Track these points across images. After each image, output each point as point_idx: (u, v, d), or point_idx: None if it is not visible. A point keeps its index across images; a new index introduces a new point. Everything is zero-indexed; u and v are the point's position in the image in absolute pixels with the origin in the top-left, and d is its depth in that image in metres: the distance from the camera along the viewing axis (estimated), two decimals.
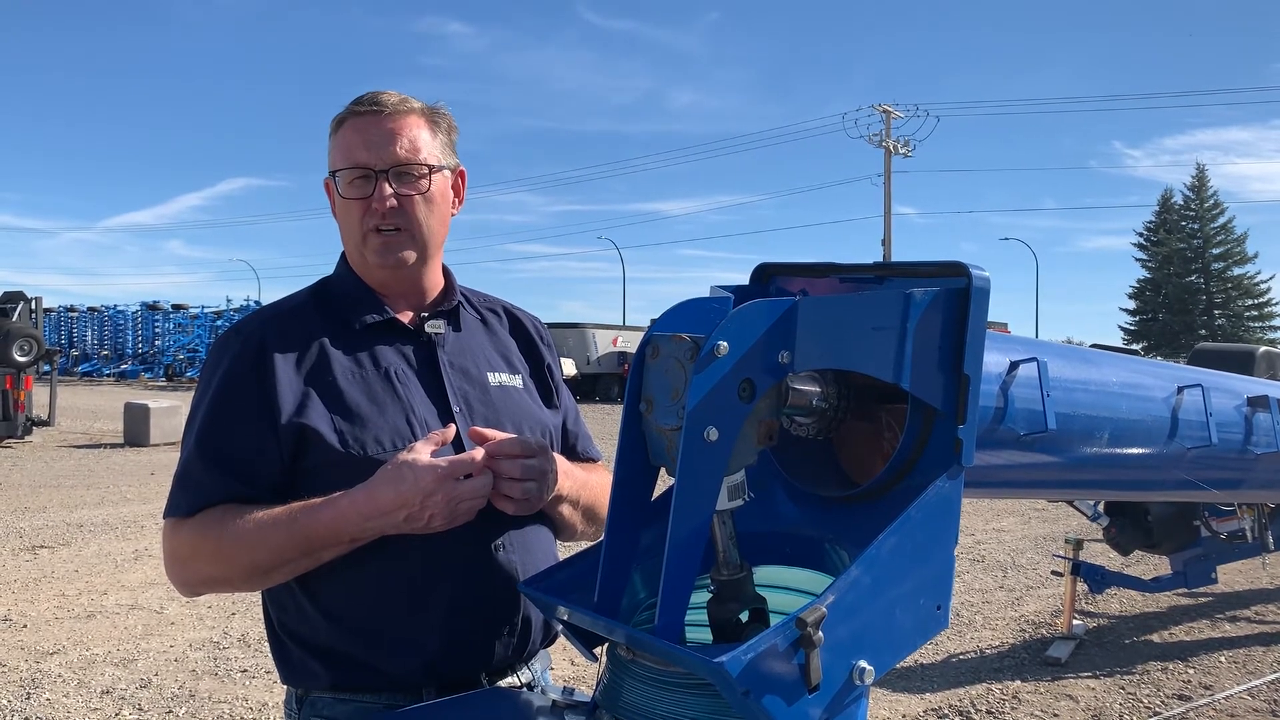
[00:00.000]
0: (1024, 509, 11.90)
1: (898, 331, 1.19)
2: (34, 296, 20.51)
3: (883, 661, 1.14)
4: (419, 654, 1.65)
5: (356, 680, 1.67)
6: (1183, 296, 69.81)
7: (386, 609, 1.65)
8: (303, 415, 1.64)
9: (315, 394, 1.67)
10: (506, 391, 1.82)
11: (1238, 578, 8.09)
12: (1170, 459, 1.67)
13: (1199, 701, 5.49)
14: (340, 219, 1.77)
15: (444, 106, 1.81)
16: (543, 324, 2.03)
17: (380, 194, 1.69)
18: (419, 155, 1.72)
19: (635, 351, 1.25)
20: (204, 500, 1.64)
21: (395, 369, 1.73)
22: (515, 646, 1.72)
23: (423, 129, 1.75)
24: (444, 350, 1.79)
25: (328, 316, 1.77)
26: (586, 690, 1.46)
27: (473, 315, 1.89)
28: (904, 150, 48.26)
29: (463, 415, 1.73)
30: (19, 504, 11.28)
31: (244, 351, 1.70)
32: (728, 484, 1.15)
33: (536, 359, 1.94)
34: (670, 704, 1.18)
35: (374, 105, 1.72)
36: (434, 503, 1.52)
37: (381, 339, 1.76)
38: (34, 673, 5.69)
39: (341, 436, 1.64)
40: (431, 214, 1.75)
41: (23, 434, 17.90)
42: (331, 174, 1.75)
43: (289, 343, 1.71)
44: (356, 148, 1.71)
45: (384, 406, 1.69)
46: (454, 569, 1.66)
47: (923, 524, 1.18)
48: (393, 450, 1.63)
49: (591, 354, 37.00)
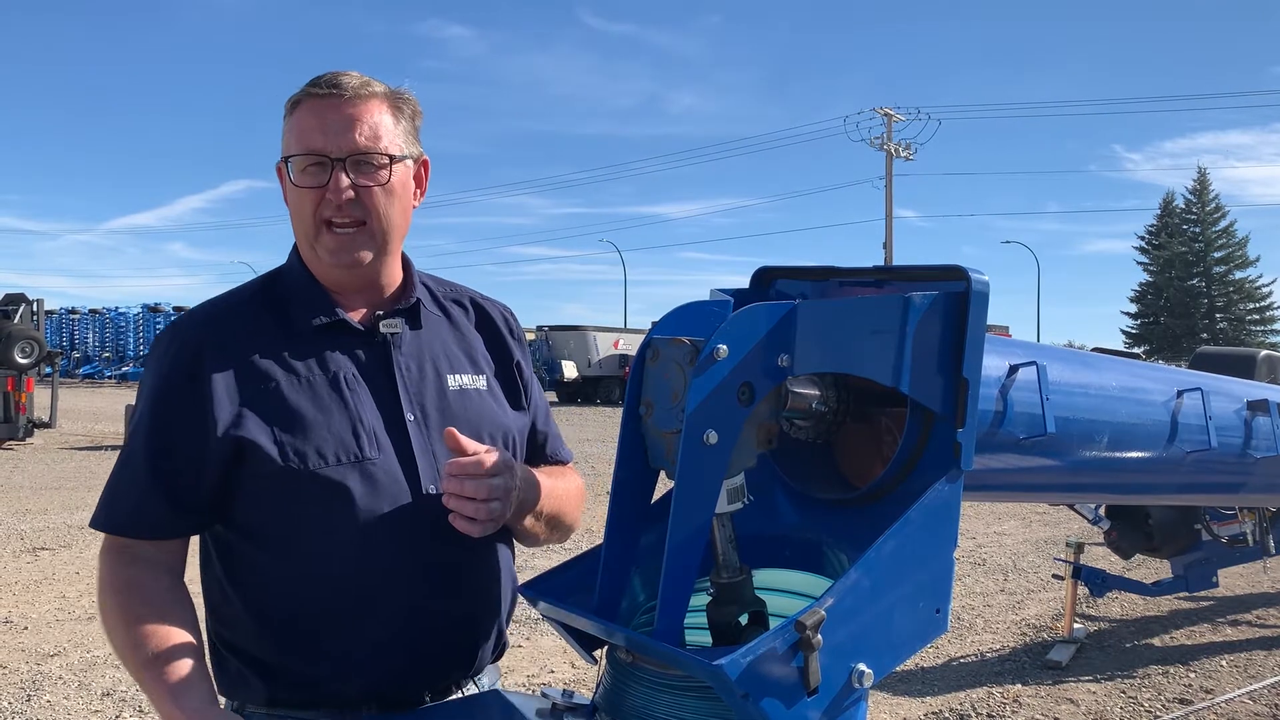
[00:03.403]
0: (1025, 512, 11.89)
1: (897, 335, 1.19)
2: (35, 298, 20.55)
3: (882, 664, 1.14)
4: (360, 672, 1.58)
5: (294, 696, 1.60)
6: (1184, 300, 69.75)
7: (327, 624, 1.57)
8: (240, 427, 1.54)
9: (255, 402, 1.56)
10: (466, 395, 1.70)
11: (1239, 581, 8.08)
12: (1170, 463, 1.67)
13: (1200, 705, 5.48)
14: (292, 208, 1.64)
15: (408, 90, 1.68)
16: (513, 315, 1.89)
17: (336, 184, 1.57)
18: (380, 144, 1.60)
19: (635, 354, 1.25)
20: (124, 527, 1.58)
21: (345, 374, 1.62)
22: (461, 664, 1.67)
23: (385, 115, 1.62)
24: (399, 352, 1.67)
25: (275, 315, 1.65)
26: (586, 693, 1.46)
27: (434, 311, 1.76)
28: (905, 153, 48.25)
29: (416, 424, 1.64)
30: (20, 506, 11.28)
31: (181, 356, 1.59)
32: (727, 487, 1.15)
33: (504, 355, 1.81)
34: (669, 706, 1.18)
35: (333, 87, 1.59)
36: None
37: (331, 341, 1.64)
38: (35, 675, 5.69)
39: (281, 448, 1.55)
40: (391, 206, 1.62)
41: (24, 436, 17.90)
42: (284, 159, 1.62)
43: (229, 346, 1.60)
44: (312, 132, 1.58)
45: (329, 415, 1.58)
46: (399, 585, 1.59)
47: (922, 527, 1.18)
48: (336, 464, 1.55)
49: (592, 356, 36.98)
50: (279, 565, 1.57)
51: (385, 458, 1.60)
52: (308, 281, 1.67)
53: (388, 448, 1.61)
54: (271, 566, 1.57)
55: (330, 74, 1.62)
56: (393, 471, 1.60)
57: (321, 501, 1.56)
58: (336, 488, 1.56)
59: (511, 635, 4.49)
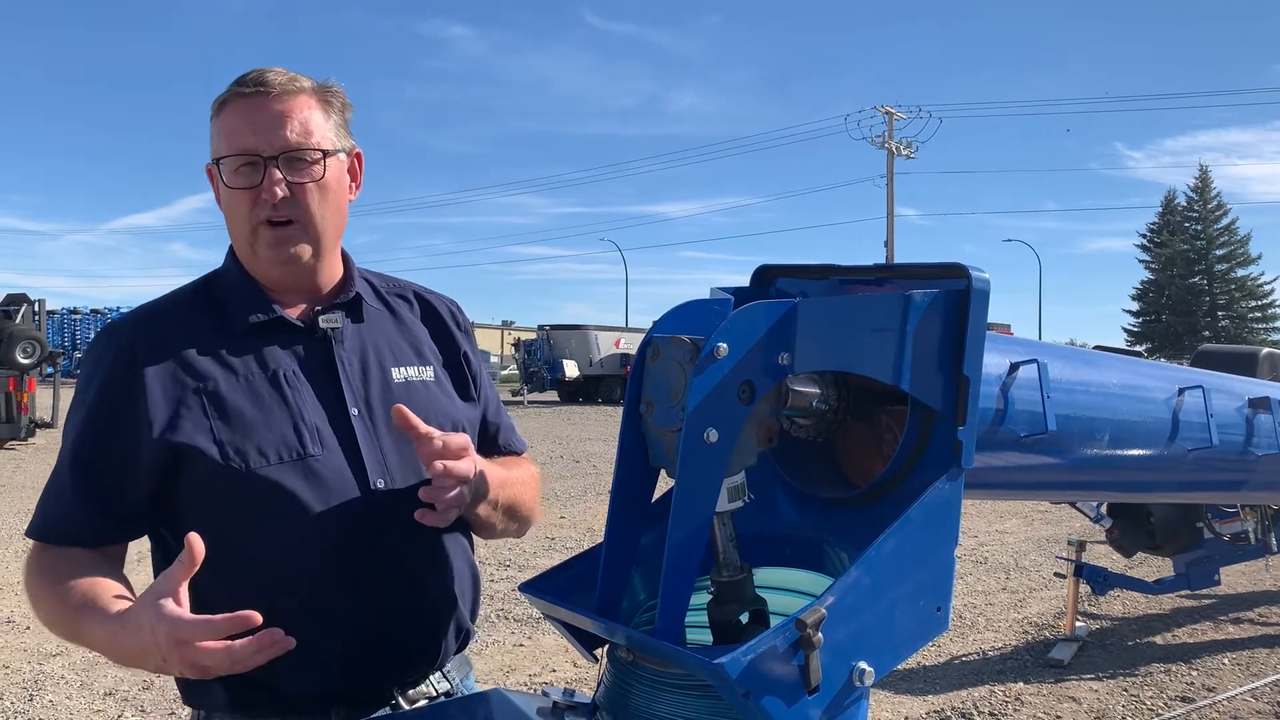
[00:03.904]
0: (1027, 511, 11.89)
1: (897, 333, 1.19)
2: (37, 299, 20.55)
3: (883, 663, 1.13)
4: (318, 671, 1.55)
5: (254, 700, 1.56)
6: (1186, 298, 69.67)
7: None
8: (176, 430, 1.52)
9: (192, 404, 1.54)
10: (412, 387, 1.68)
11: (1241, 579, 8.08)
12: (1171, 460, 1.67)
13: (1202, 703, 5.48)
14: (226, 210, 1.62)
15: (335, 82, 1.67)
16: (459, 309, 1.87)
17: (270, 182, 1.55)
18: (311, 139, 1.58)
19: (635, 353, 1.25)
20: (45, 534, 1.58)
21: (285, 371, 1.60)
22: (424, 658, 1.66)
23: (314, 110, 1.60)
24: (341, 346, 1.65)
25: (210, 315, 1.63)
26: (587, 692, 1.46)
27: (376, 305, 1.74)
28: (906, 152, 48.22)
29: (361, 419, 1.61)
30: (22, 506, 11.28)
31: (117, 359, 1.57)
32: (727, 485, 1.15)
33: (451, 347, 1.79)
34: (670, 705, 1.18)
35: (259, 85, 1.57)
36: (175, 660, 1.31)
37: (270, 338, 1.62)
38: (37, 674, 5.70)
39: (222, 448, 1.52)
40: (326, 203, 1.61)
41: (26, 436, 17.92)
42: (215, 161, 1.60)
43: (164, 347, 1.57)
44: (242, 132, 1.56)
45: (270, 413, 1.56)
46: (350, 582, 1.57)
47: (922, 525, 1.18)
48: (278, 462, 1.53)
49: (594, 356, 36.99)
50: (226, 567, 1.49)
51: (330, 454, 1.57)
52: (244, 281, 1.65)
53: (332, 444, 1.58)
54: (219, 569, 1.45)
55: (255, 71, 1.60)
56: (338, 468, 1.57)
57: (265, 501, 1.53)
58: (279, 487, 1.53)
59: (513, 634, 4.54)
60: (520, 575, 3.62)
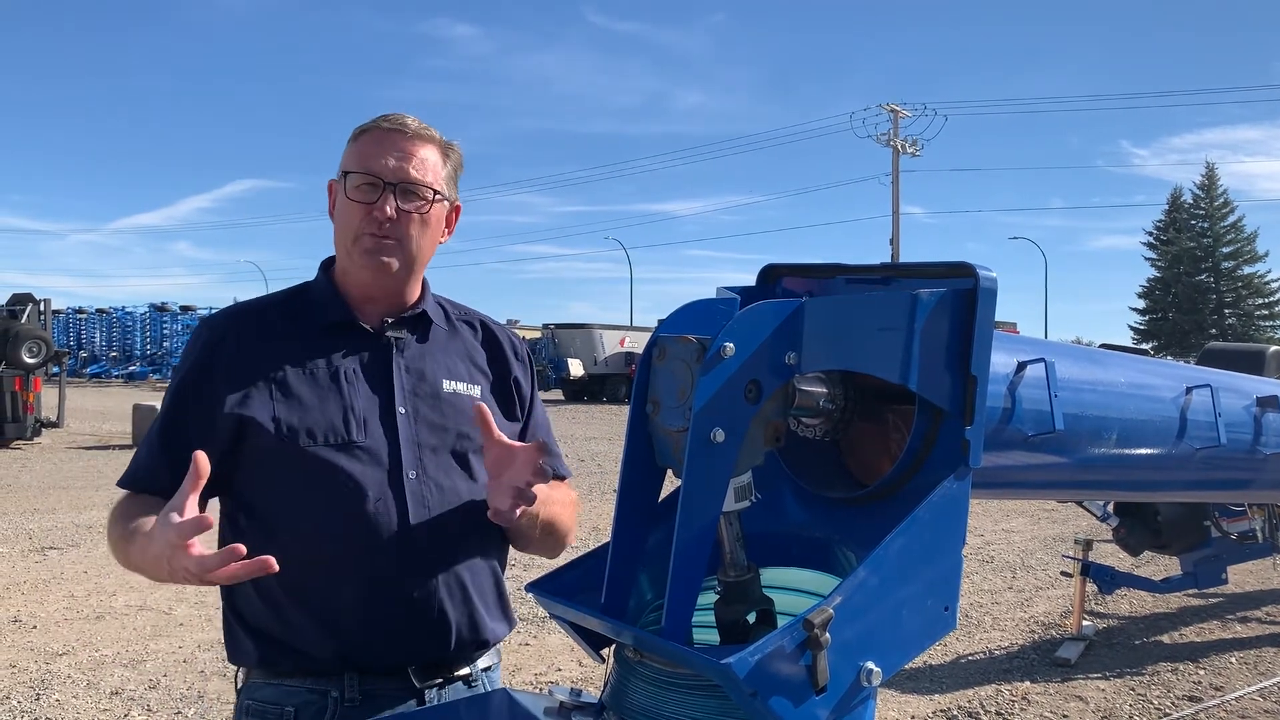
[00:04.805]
0: (1033, 510, 11.88)
1: (904, 332, 1.19)
2: (42, 298, 20.59)
3: (890, 663, 1.13)
4: (335, 636, 1.72)
5: (278, 661, 1.75)
6: (1193, 295, 69.55)
7: (304, 592, 1.72)
8: (244, 406, 1.74)
9: (261, 387, 1.76)
10: (459, 398, 1.86)
11: (1248, 578, 8.06)
12: (1179, 459, 1.66)
13: (1210, 703, 5.47)
14: (338, 218, 1.83)
15: (458, 144, 1.91)
16: (523, 342, 2.07)
17: (384, 202, 1.77)
18: (427, 178, 1.80)
19: (642, 352, 1.25)
20: (131, 482, 1.79)
21: (346, 369, 1.81)
22: (438, 637, 1.78)
23: (436, 157, 1.83)
24: (401, 355, 1.85)
25: (293, 317, 1.85)
26: (594, 691, 1.46)
27: (444, 327, 1.94)
28: (912, 150, 48.18)
29: (407, 418, 1.80)
30: (28, 505, 11.32)
31: (208, 343, 1.81)
32: (734, 485, 1.15)
33: (503, 370, 1.97)
34: (677, 705, 1.17)
35: (399, 125, 1.81)
36: (174, 563, 1.46)
37: (340, 341, 1.83)
38: (43, 673, 5.71)
39: (277, 425, 1.73)
40: (424, 234, 1.82)
41: (32, 435, 17.99)
42: (342, 174, 1.81)
43: (249, 338, 1.81)
44: (374, 157, 1.78)
45: (325, 402, 1.77)
46: (370, 558, 1.73)
47: (930, 525, 1.17)
48: (325, 444, 1.74)
49: (598, 354, 37.01)
50: (268, 534, 1.71)
51: (372, 442, 1.77)
52: (330, 290, 1.87)
53: (376, 434, 1.78)
54: (261, 535, 1.70)
55: (397, 114, 1.85)
56: (377, 456, 1.76)
57: (307, 476, 1.74)
58: (323, 464, 1.73)
59: (518, 634, 4.52)
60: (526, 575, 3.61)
